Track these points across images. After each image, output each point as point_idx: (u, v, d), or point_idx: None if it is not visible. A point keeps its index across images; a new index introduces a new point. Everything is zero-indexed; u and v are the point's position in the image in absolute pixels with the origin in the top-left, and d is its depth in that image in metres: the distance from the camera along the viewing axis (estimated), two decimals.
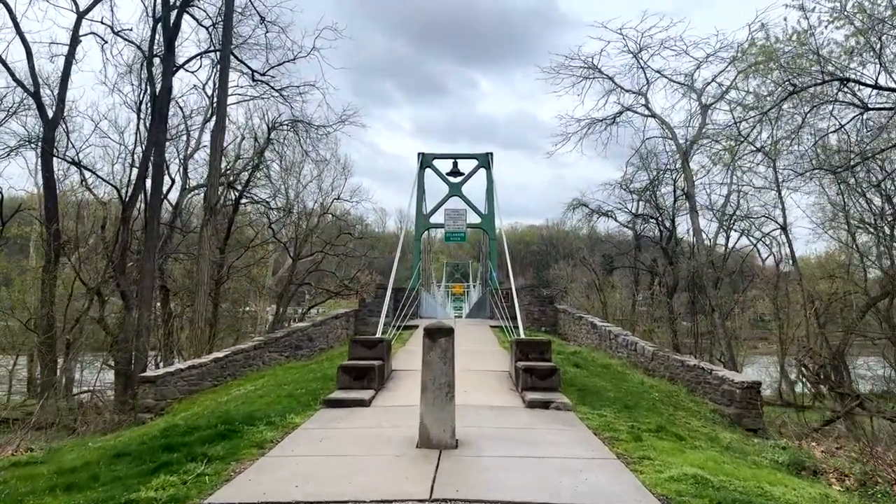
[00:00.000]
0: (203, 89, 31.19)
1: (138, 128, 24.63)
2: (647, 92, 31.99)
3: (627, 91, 32.02)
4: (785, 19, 35.35)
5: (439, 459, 5.91)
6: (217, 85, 23.25)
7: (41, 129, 24.06)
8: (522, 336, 11.87)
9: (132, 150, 24.78)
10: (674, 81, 31.73)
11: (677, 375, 13.52)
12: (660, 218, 37.62)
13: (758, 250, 37.06)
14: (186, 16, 26.11)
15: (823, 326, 27.64)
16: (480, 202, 28.89)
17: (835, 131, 15.61)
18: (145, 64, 24.10)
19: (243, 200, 34.63)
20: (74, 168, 26.49)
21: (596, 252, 50.85)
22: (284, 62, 26.51)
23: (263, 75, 26.81)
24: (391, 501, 4.67)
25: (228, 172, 33.52)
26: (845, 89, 14.58)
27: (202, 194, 27.62)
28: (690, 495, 5.06)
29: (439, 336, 6.63)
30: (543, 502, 4.71)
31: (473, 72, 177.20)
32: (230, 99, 31.25)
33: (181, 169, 31.94)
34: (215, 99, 25.45)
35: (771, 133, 18.44)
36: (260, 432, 7.15)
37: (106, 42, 26.00)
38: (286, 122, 32.36)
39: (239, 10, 26.43)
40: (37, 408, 16.07)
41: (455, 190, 27.25)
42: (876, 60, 13.58)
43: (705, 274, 32.33)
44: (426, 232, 30.66)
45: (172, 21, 21.82)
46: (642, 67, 31.33)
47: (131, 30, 24.88)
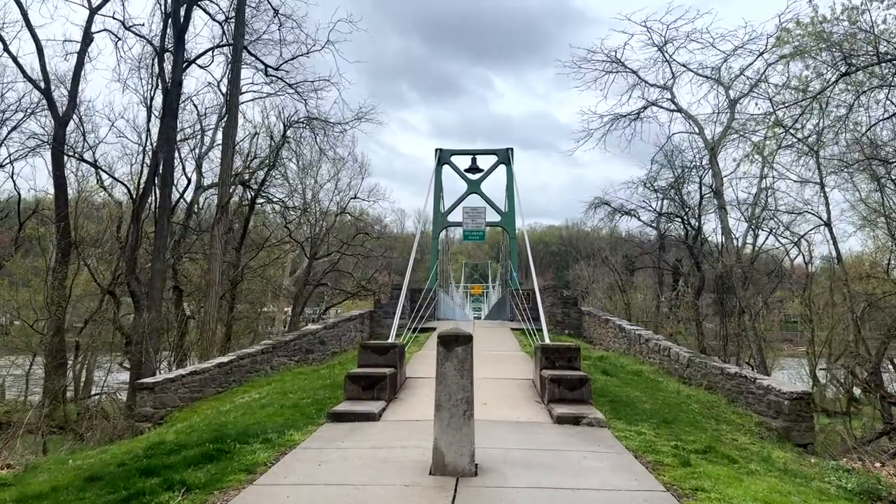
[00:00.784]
0: (217, 87, 30.60)
1: (148, 125, 24.11)
2: (673, 86, 30.83)
3: (652, 85, 30.82)
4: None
5: (455, 491, 5.02)
6: (230, 81, 22.51)
7: (54, 127, 23.59)
8: (548, 341, 10.89)
9: (143, 148, 24.21)
10: (700, 75, 30.49)
11: (716, 384, 12.44)
12: (685, 216, 36.34)
13: (785, 249, 35.59)
14: (199, 11, 25.67)
15: (861, 330, 26.22)
16: (500, 200, 27.98)
17: (889, 117, 14.36)
18: (156, 59, 23.54)
19: (259, 200, 34.10)
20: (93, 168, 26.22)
21: (617, 252, 49.63)
22: (298, 56, 25.80)
23: (277, 70, 26.12)
24: None
25: (244, 171, 33.02)
26: None
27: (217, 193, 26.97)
28: None
29: (455, 344, 5.72)
30: None
31: (488, 71, 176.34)
32: (245, 96, 30.73)
33: (196, 168, 31.56)
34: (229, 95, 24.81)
35: (816, 122, 17.18)
36: (253, 452, 6.30)
37: (119, 39, 25.58)
38: (302, 120, 31.70)
39: (253, 6, 25.85)
40: (28, 414, 15.39)
41: (474, 187, 26.32)
42: None
43: (735, 274, 31.02)
44: (444, 231, 29.78)
45: (183, 13, 21.19)
46: (667, 61, 30.13)
47: (143, 24, 24.15)
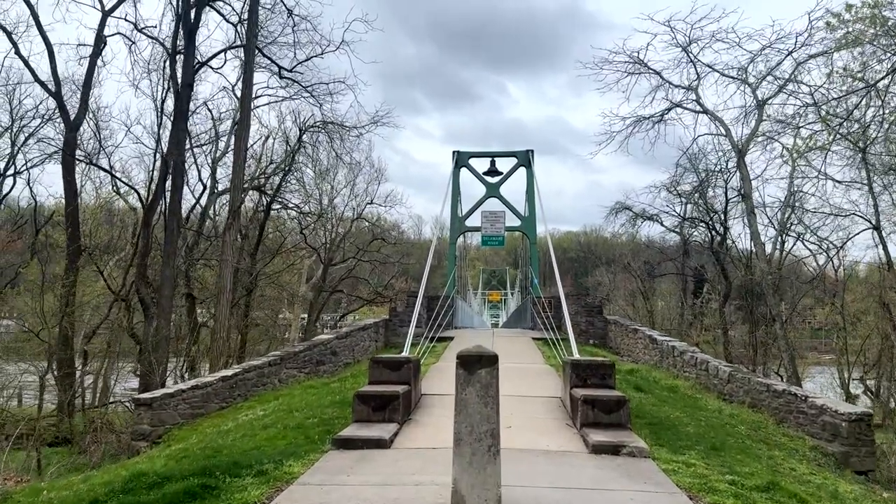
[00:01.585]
0: (232, 90, 30.10)
1: (159, 129, 23.58)
2: (698, 87, 29.80)
3: (676, 86, 29.83)
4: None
5: None
6: (242, 81, 21.90)
7: (65, 131, 23.16)
8: (577, 355, 9.94)
9: (155, 152, 23.68)
10: (726, 76, 29.45)
11: (761, 402, 11.37)
12: (710, 221, 35.16)
13: (813, 256, 34.17)
14: (213, 14, 25.15)
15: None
16: (520, 204, 27.03)
17: None
18: (168, 61, 23.02)
19: (275, 206, 33.54)
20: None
21: (639, 258, 48.45)
22: (312, 57, 25.10)
23: (291, 71, 25.46)
24: None
25: (259, 177, 32.52)
26: None
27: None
28: None
29: (478, 366, 4.82)
30: None
31: (501, 77, 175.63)
32: (260, 100, 30.24)
33: (211, 173, 31.11)
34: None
35: (861, 117, 16.01)
36: (243, 489, 5.44)
37: (133, 42, 25.16)
38: (317, 124, 31.10)
39: (268, 7, 25.28)
40: (19, 426, 14.73)
41: (493, 191, 25.40)
42: None
43: (766, 280, 29.78)
44: (462, 236, 28.89)
45: (193, 13, 20.62)
46: (692, 61, 29.11)
47: (155, 26, 23.66)
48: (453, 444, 4.76)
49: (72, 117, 22.72)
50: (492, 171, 25.47)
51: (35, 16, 21.91)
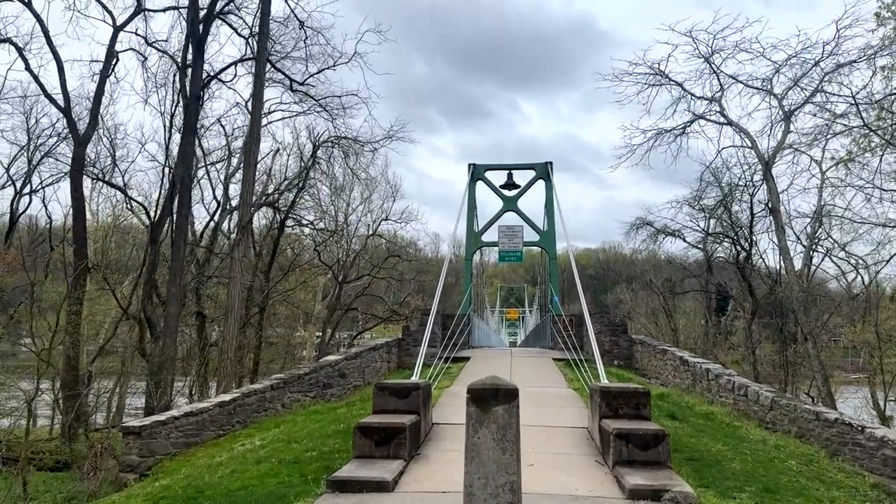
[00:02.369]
0: (246, 107, 29.74)
1: (168, 143, 23.11)
2: (722, 98, 28.87)
3: (699, 98, 29.03)
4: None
5: None
6: (252, 93, 21.39)
7: (74, 146, 22.79)
8: (605, 380, 8.96)
9: (163, 167, 23.21)
10: (750, 87, 28.65)
11: (809, 431, 10.25)
12: (735, 236, 34.00)
13: (842, 272, 32.75)
14: (224, 26, 24.79)
15: None
16: (538, 219, 26.09)
17: None
18: (178, 75, 22.64)
19: (289, 223, 33.00)
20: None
21: (660, 275, 47.25)
22: (324, 69, 24.59)
23: (302, 84, 24.96)
24: None
25: (273, 193, 32.08)
26: None
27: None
28: None
29: (494, 402, 3.93)
30: None
31: (514, 95, 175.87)
32: (273, 115, 29.83)
33: (224, 190, 30.71)
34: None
35: None
36: None
37: (146, 58, 24.88)
38: (331, 139, 30.61)
39: (279, 20, 24.91)
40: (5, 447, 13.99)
41: (510, 204, 24.48)
42: None
43: (797, 297, 28.48)
44: (479, 252, 27.99)
45: (202, 27, 20.19)
46: (715, 72, 28.36)
47: (166, 40, 23.32)
48: (464, 498, 3.86)
49: (81, 133, 22.40)
50: (509, 185, 24.60)
51: (45, 29, 21.69)
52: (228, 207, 30.30)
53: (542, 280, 38.13)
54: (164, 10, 23.98)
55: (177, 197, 20.95)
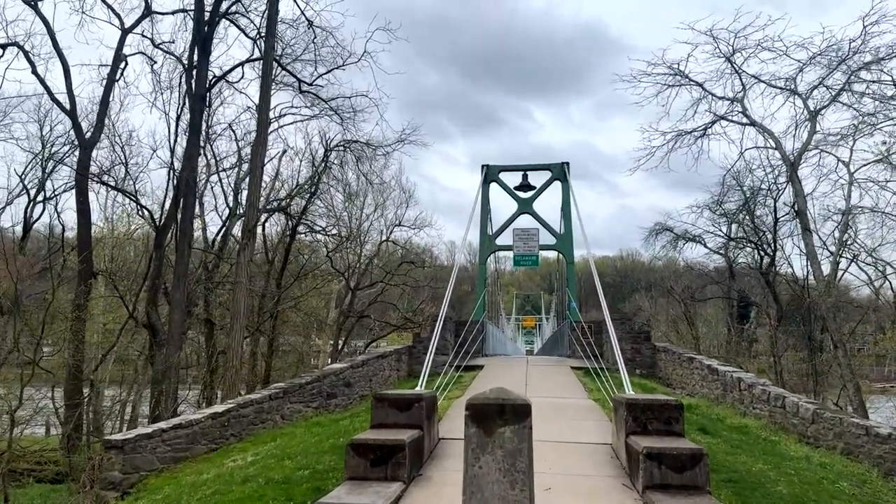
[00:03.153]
0: (256, 111, 29.36)
1: (173, 146, 22.62)
2: (744, 98, 27.90)
3: (720, 98, 28.15)
4: None
5: None
6: (260, 93, 20.83)
7: (79, 150, 22.41)
8: (630, 391, 8.07)
9: (169, 170, 22.72)
10: (773, 86, 27.70)
11: (858, 448, 9.26)
12: (758, 241, 32.91)
13: (869, 277, 31.44)
14: (232, 28, 24.33)
15: None
16: (555, 222, 25.18)
17: None
18: (184, 77, 22.17)
19: (301, 229, 32.47)
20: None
21: (680, 282, 46.15)
22: (333, 69, 24.01)
23: (311, 84, 24.41)
24: None
25: (285, 198, 31.60)
26: None
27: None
28: None
29: (501, 422, 3.10)
30: None
31: (527, 102, 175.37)
32: (284, 119, 29.39)
33: (234, 195, 30.24)
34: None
35: None
36: None
37: (154, 62, 24.49)
38: (342, 143, 30.08)
39: (288, 21, 24.41)
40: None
41: (525, 207, 23.61)
42: None
43: (826, 304, 27.27)
44: (493, 257, 27.13)
45: (207, 23, 19.68)
46: (737, 72, 27.46)
47: (172, 42, 22.86)
48: None
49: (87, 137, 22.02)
50: (524, 186, 23.74)
51: (50, 31, 21.37)
52: (239, 213, 29.80)
53: (559, 287, 37.14)
54: (173, 13, 23.65)
55: (181, 200, 20.42)
